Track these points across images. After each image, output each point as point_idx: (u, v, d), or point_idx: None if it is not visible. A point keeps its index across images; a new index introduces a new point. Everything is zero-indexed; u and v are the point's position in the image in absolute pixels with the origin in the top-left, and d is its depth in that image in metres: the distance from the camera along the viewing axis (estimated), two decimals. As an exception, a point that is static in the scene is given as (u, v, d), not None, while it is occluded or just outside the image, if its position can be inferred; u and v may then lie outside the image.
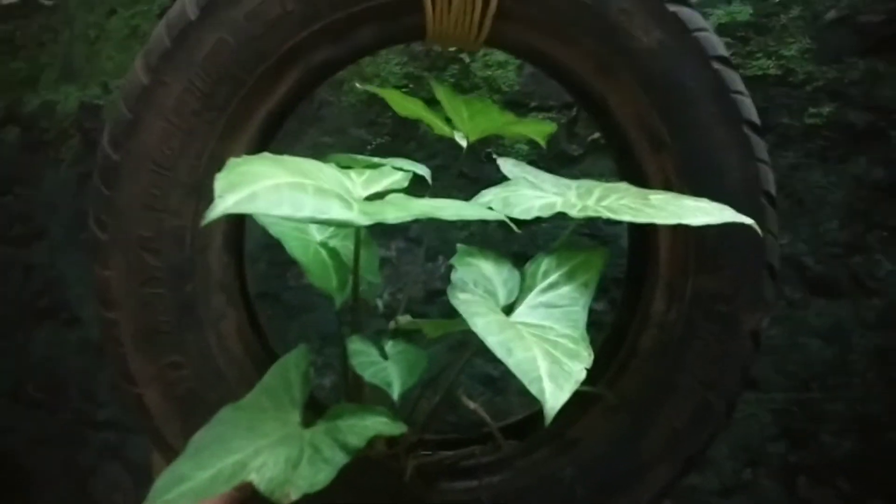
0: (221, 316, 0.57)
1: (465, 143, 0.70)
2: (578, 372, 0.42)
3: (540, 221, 0.53)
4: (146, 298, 0.55)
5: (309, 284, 1.08)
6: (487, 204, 0.52)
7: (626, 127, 0.60)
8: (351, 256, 0.53)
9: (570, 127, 0.98)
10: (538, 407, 0.70)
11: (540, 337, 0.45)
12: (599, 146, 0.96)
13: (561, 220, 0.78)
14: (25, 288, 1.27)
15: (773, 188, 0.58)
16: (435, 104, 0.72)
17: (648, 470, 0.57)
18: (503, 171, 0.60)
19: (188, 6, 0.54)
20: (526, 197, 0.52)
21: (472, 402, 0.64)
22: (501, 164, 0.61)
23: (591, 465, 0.58)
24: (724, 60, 0.58)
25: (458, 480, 0.59)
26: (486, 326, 0.43)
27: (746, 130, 0.57)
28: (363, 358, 0.51)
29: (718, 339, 0.57)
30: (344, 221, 0.39)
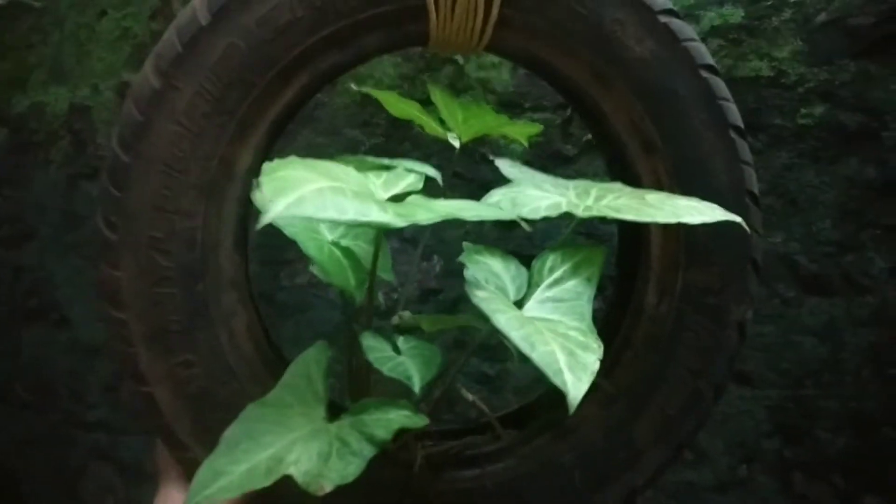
0: (232, 314, 0.58)
1: (457, 143, 0.72)
2: (593, 363, 0.45)
3: (534, 221, 0.55)
4: (157, 298, 0.55)
5: (302, 285, 1.09)
6: (497, 204, 0.54)
7: (619, 131, 0.62)
8: (363, 255, 0.55)
9: (564, 127, 1.00)
10: (533, 398, 0.74)
11: (553, 331, 0.47)
12: (594, 146, 0.98)
13: (556, 219, 0.81)
14: (14, 289, 1.24)
15: (756, 188, 0.62)
16: (429, 105, 0.73)
17: (642, 455, 0.61)
18: (502, 171, 0.62)
19: (199, 12, 0.55)
20: (533, 197, 0.54)
21: (470, 394, 0.67)
22: (499, 164, 0.63)
23: (588, 451, 0.61)
24: (711, 69, 0.61)
25: (463, 469, 0.61)
26: (508, 322, 0.45)
27: (732, 135, 0.61)
28: (379, 353, 0.52)
29: (707, 330, 0.61)
30: (382, 224, 0.41)
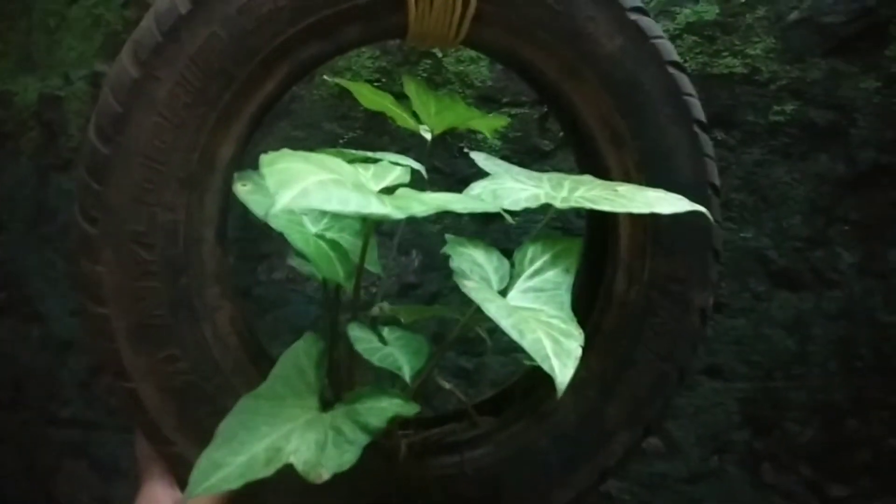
0: (216, 307, 0.58)
1: (429, 136, 0.74)
2: (576, 349, 0.47)
3: (513, 216, 0.56)
4: (140, 293, 0.55)
5: (280, 280, 1.08)
6: (478, 196, 0.55)
7: (589, 125, 0.64)
8: (349, 247, 0.55)
9: (541, 122, 1.01)
10: (508, 385, 0.75)
11: (537, 319, 0.48)
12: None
13: (531, 214, 0.81)
14: (-16, 283, 1.22)
15: (717, 180, 0.64)
16: (406, 98, 0.74)
17: (613, 436, 0.63)
18: (478, 164, 0.63)
19: (179, 0, 0.54)
20: (513, 189, 0.56)
21: (447, 383, 0.69)
22: (475, 157, 0.64)
23: (563, 435, 0.63)
24: (677, 65, 0.63)
25: (443, 456, 0.63)
26: (498, 311, 0.47)
27: (696, 129, 0.63)
28: (367, 344, 0.53)
29: (673, 315, 0.63)
30: (382, 216, 0.41)
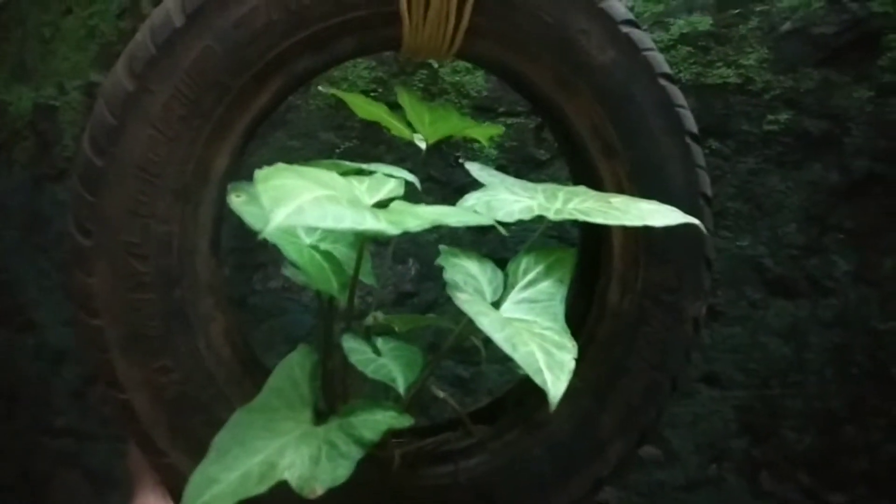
0: (210, 319, 0.58)
1: (424, 145, 0.74)
2: (569, 362, 0.47)
3: (509, 226, 0.56)
4: (134, 304, 0.55)
5: (275, 289, 1.08)
6: (472, 208, 0.55)
7: (582, 136, 0.65)
8: (344, 259, 0.55)
9: (537, 132, 1.01)
10: (502, 394, 0.75)
11: (530, 331, 0.48)
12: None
13: (528, 223, 0.81)
14: (-23, 293, 1.22)
15: (709, 191, 0.65)
16: (400, 108, 0.74)
17: (607, 445, 0.64)
18: (472, 174, 0.63)
19: (173, 13, 0.55)
20: (506, 201, 0.56)
21: (441, 392, 0.68)
22: (470, 167, 0.65)
23: (557, 444, 0.63)
24: (668, 77, 0.64)
25: (437, 466, 0.63)
26: (491, 324, 0.47)
27: (687, 140, 0.64)
28: (360, 355, 0.53)
29: (665, 325, 0.63)
30: (377, 232, 0.42)
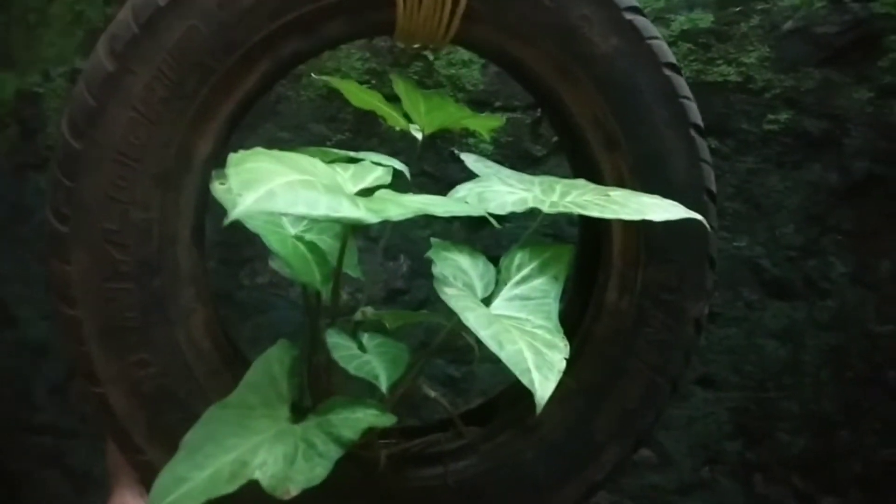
0: (191, 311, 0.56)
1: (420, 135, 0.72)
2: (559, 362, 0.45)
3: (504, 222, 0.55)
4: (111, 294, 0.53)
5: (263, 285, 1.06)
6: (463, 199, 0.53)
7: (583, 127, 0.62)
8: (329, 250, 0.53)
9: (534, 127, 1.00)
10: (495, 395, 0.73)
11: (520, 329, 0.47)
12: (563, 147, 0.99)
13: (523, 220, 0.79)
14: (-43, 286, 1.19)
15: (714, 186, 0.63)
16: (394, 99, 0.72)
17: (602, 449, 0.62)
18: (467, 165, 0.62)
19: (157, -8, 0.53)
20: (499, 193, 0.54)
21: (432, 391, 0.66)
22: (465, 158, 0.63)
23: (550, 447, 0.61)
24: (673, 67, 0.62)
25: (425, 467, 0.61)
26: (477, 321, 0.45)
27: (692, 133, 0.62)
28: (344, 351, 0.51)
29: (665, 325, 0.61)
30: (354, 220, 0.39)
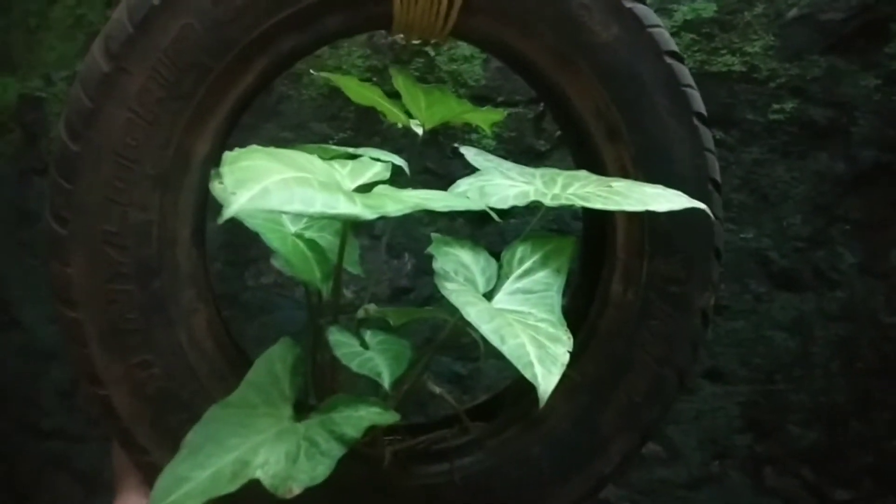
0: (192, 311, 0.56)
1: (420, 131, 0.71)
2: (563, 355, 0.44)
3: (507, 217, 0.54)
4: (112, 296, 0.53)
5: (268, 285, 1.06)
6: (464, 194, 0.53)
7: (584, 118, 0.62)
8: (329, 247, 0.53)
9: (536, 122, 0.99)
10: (500, 390, 0.73)
11: (523, 323, 0.46)
12: (566, 141, 0.97)
13: (527, 216, 0.79)
14: (-39, 291, 1.19)
15: (718, 176, 0.62)
16: (395, 95, 0.72)
17: (609, 443, 0.61)
18: (468, 159, 0.61)
19: (151, -9, 0.52)
20: (501, 186, 0.54)
21: (437, 387, 0.66)
22: (465, 152, 0.62)
23: (556, 441, 0.61)
24: (675, 55, 0.61)
25: (431, 464, 0.61)
26: (478, 315, 0.44)
27: (695, 122, 0.61)
28: (346, 349, 0.50)
29: (671, 318, 0.61)
30: (351, 216, 0.39)
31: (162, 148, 0.53)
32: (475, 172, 0.57)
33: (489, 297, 0.51)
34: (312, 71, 0.94)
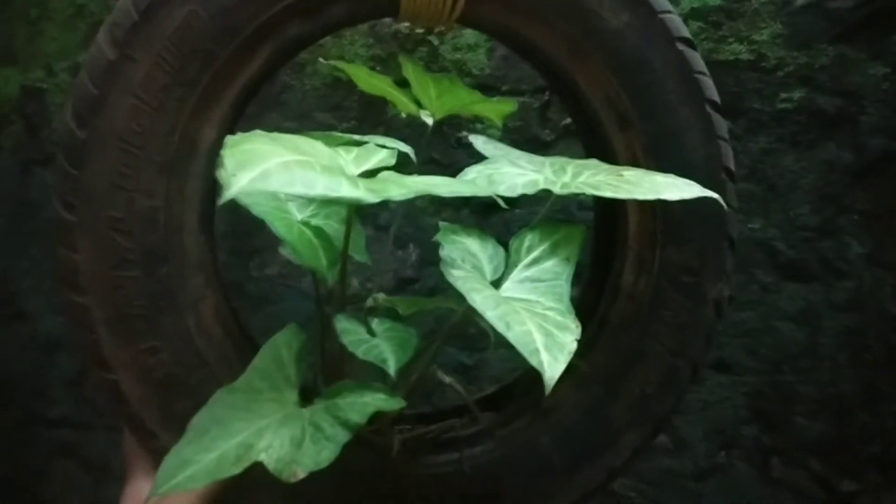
0: (200, 297, 0.55)
1: (430, 121, 0.70)
2: (570, 343, 0.44)
3: (515, 206, 0.54)
4: (119, 282, 0.53)
5: (272, 275, 1.06)
6: (472, 181, 0.52)
7: (594, 106, 0.61)
8: (335, 235, 0.53)
9: (542, 112, 0.98)
10: (510, 380, 0.73)
11: (530, 311, 0.46)
12: (571, 131, 0.97)
13: (534, 206, 0.78)
14: (-33, 283, 1.20)
15: (732, 164, 0.61)
16: (402, 85, 0.71)
17: (620, 435, 0.60)
18: (477, 147, 0.61)
19: (156, -23, 0.52)
20: (509, 174, 0.53)
21: (447, 377, 0.66)
22: (474, 140, 0.61)
23: (566, 432, 0.60)
24: (687, 42, 0.60)
25: (440, 453, 0.60)
26: (483, 301, 0.44)
27: (708, 109, 0.60)
28: (353, 336, 0.50)
29: (685, 308, 0.60)
30: (353, 199, 0.39)
31: (167, 134, 0.53)
32: (484, 160, 0.56)
33: (497, 285, 0.51)
34: (322, 59, 0.93)
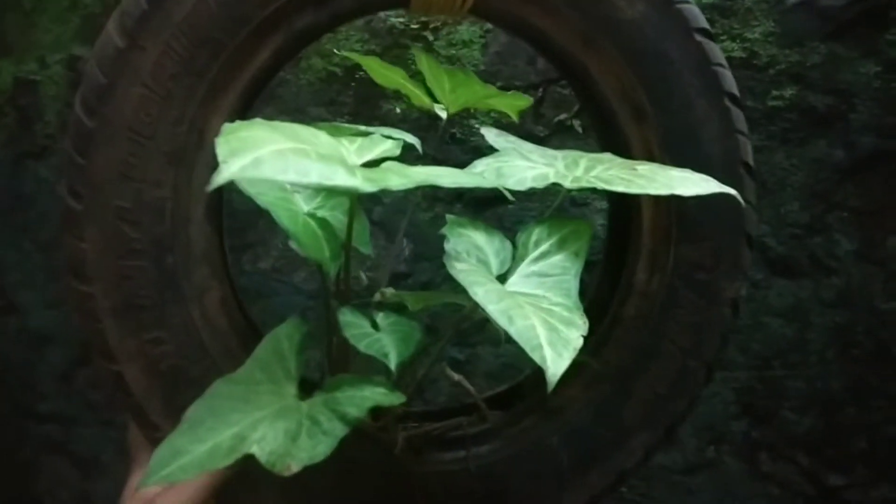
0: (206, 289, 0.55)
1: (444, 114, 0.69)
2: (576, 339, 0.43)
3: (528, 199, 0.53)
4: (125, 272, 0.53)
5: (265, 270, 1.05)
6: (480, 174, 0.52)
7: (609, 98, 0.60)
8: (340, 227, 0.52)
9: (535, 107, 0.98)
10: (519, 379, 0.72)
11: (536, 306, 0.45)
12: (565, 127, 0.97)
13: (528, 202, 0.77)
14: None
15: (751, 159, 0.59)
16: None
17: (631, 435, 0.59)
18: (488, 140, 0.59)
19: (166, -34, 0.52)
20: (519, 168, 0.53)
21: (455, 374, 0.65)
22: (486, 133, 0.60)
23: (575, 432, 0.59)
24: (705, 33, 0.58)
25: (446, 451, 0.60)
26: (486, 295, 0.43)
27: (727, 102, 0.58)
28: (356, 329, 0.50)
29: (699, 307, 0.58)
30: (349, 188, 0.38)
31: (176, 124, 0.53)
32: (494, 153, 0.56)
33: (503, 279, 0.50)
34: (337, 50, 0.93)
